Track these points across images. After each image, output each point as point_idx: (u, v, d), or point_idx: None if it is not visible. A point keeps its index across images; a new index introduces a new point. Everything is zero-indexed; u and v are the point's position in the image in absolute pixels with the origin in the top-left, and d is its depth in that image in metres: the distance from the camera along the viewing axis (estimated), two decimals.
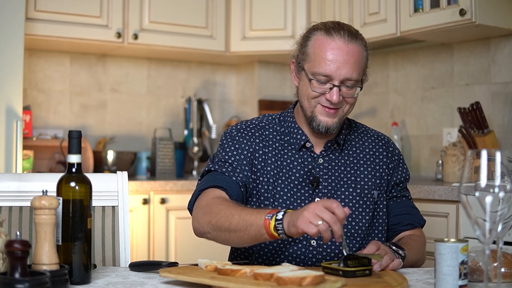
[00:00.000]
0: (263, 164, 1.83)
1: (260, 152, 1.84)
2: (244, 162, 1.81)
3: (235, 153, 1.82)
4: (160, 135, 4.05)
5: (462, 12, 2.97)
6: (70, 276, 1.38)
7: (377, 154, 1.90)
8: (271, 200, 1.80)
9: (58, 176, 1.47)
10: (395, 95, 3.81)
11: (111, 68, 4.07)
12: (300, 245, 1.78)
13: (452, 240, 1.30)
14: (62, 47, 3.77)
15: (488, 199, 1.16)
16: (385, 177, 1.88)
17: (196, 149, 4.03)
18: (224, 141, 1.86)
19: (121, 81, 4.10)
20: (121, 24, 3.66)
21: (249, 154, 1.82)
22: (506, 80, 3.23)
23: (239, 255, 1.88)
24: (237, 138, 1.85)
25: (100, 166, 3.72)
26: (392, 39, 3.43)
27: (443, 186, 2.81)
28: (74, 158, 1.45)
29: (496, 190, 1.15)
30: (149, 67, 4.19)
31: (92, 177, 1.50)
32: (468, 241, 1.32)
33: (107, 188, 1.92)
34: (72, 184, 1.43)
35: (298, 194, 1.81)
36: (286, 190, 1.81)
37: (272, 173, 1.82)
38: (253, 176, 1.81)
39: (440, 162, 3.38)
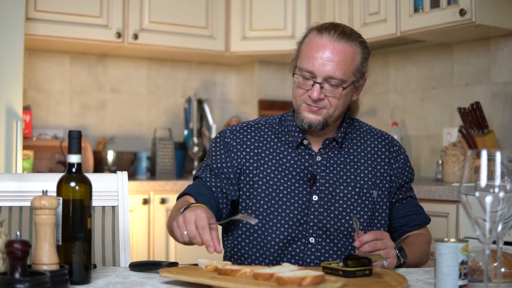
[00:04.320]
0: (257, 164, 1.86)
1: (255, 151, 1.88)
2: (230, 170, 1.87)
3: (223, 161, 1.88)
4: (160, 135, 4.05)
5: (462, 12, 2.97)
6: (70, 276, 1.38)
7: (379, 153, 1.89)
8: (269, 197, 1.83)
9: (58, 176, 1.46)
10: (395, 95, 3.81)
11: (111, 68, 4.07)
12: (299, 243, 1.80)
13: (452, 240, 1.30)
14: (62, 47, 3.77)
15: (488, 199, 1.16)
16: (388, 178, 1.88)
17: (196, 149, 4.03)
18: (215, 146, 1.92)
19: (121, 81, 4.10)
20: (121, 24, 3.66)
21: (239, 160, 1.87)
22: (506, 80, 3.23)
23: (236, 253, 1.88)
24: (229, 141, 1.89)
25: (100, 166, 3.72)
26: (392, 39, 3.43)
27: (443, 186, 2.80)
28: (74, 158, 1.45)
29: (496, 190, 1.15)
30: (149, 67, 4.19)
31: (92, 177, 1.50)
32: (468, 241, 1.32)
33: (107, 188, 1.92)
34: (72, 184, 1.43)
35: (296, 191, 1.83)
36: (282, 188, 1.83)
37: (268, 170, 1.85)
38: (247, 179, 1.85)
39: (440, 162, 3.38)
